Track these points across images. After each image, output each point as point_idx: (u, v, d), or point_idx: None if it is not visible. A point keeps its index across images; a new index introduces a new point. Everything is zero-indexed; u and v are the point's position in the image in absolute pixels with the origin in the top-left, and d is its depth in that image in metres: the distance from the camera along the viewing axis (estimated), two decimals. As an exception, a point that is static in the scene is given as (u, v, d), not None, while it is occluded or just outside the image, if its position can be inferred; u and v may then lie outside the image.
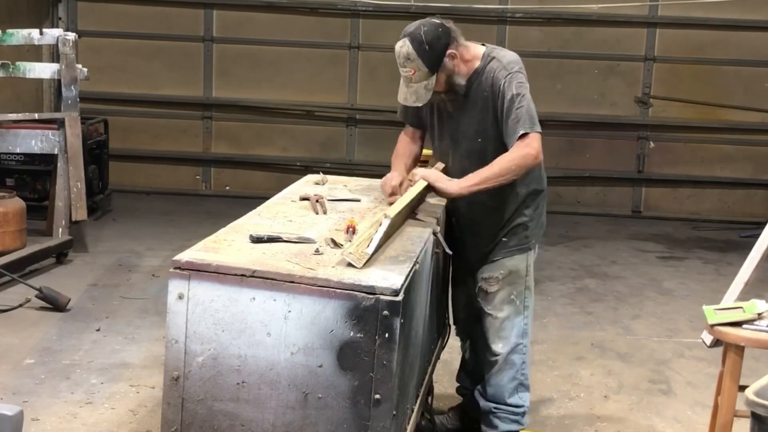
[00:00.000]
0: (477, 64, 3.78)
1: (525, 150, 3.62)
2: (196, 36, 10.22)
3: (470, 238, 4.02)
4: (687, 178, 10.17)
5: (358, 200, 3.97)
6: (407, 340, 3.02)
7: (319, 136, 10.31)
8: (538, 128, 3.66)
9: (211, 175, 10.44)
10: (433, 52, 3.64)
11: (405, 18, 9.72)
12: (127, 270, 7.02)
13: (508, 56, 3.80)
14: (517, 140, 3.63)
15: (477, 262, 4.01)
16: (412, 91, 3.70)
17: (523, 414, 4.05)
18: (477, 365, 4.22)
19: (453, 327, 4.37)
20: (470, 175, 3.69)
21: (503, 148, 3.69)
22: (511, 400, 4.01)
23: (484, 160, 3.71)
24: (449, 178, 3.71)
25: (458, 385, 4.50)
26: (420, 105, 3.76)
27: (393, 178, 3.88)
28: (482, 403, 4.08)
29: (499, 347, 3.96)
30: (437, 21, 3.75)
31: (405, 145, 4.12)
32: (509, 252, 3.94)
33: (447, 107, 3.88)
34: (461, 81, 3.75)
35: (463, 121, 3.85)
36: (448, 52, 3.68)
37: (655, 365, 5.50)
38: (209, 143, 10.41)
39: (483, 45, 3.87)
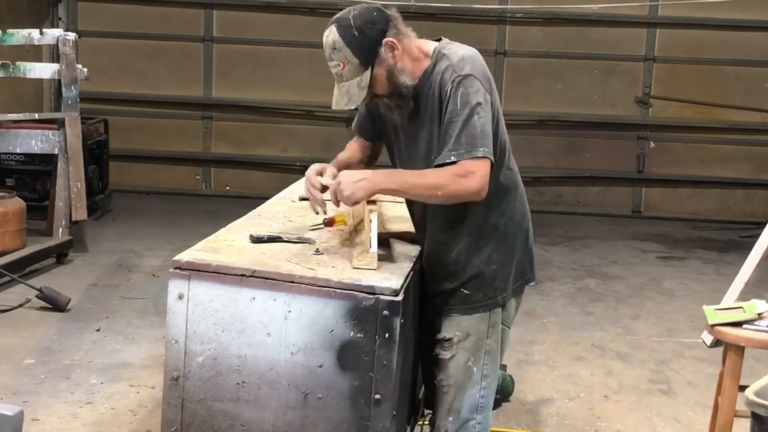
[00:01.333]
0: (427, 63, 3.06)
1: (463, 180, 2.89)
2: (196, 36, 10.22)
3: (428, 271, 3.23)
4: (687, 178, 10.17)
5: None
6: (407, 340, 3.02)
7: (319, 136, 10.30)
8: (480, 152, 2.89)
9: (211, 175, 10.44)
10: (364, 39, 2.96)
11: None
12: (127, 270, 7.02)
13: (459, 52, 3.04)
14: (449, 165, 2.90)
15: (436, 304, 3.24)
16: (344, 91, 3.02)
17: None
18: None
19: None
20: (386, 173, 3.02)
21: None
22: None
23: None
24: (358, 177, 2.97)
25: None
26: (352, 108, 3.06)
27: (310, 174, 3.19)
28: None
29: (446, 422, 3.20)
30: (373, 5, 3.05)
31: (350, 153, 3.44)
32: (472, 307, 3.16)
33: (395, 115, 3.14)
34: (407, 81, 3.02)
35: (413, 134, 3.12)
36: (385, 40, 2.98)
37: (655, 365, 5.50)
38: (209, 143, 10.40)
39: (437, 40, 3.15)
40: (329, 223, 3.37)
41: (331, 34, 3.01)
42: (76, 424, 4.29)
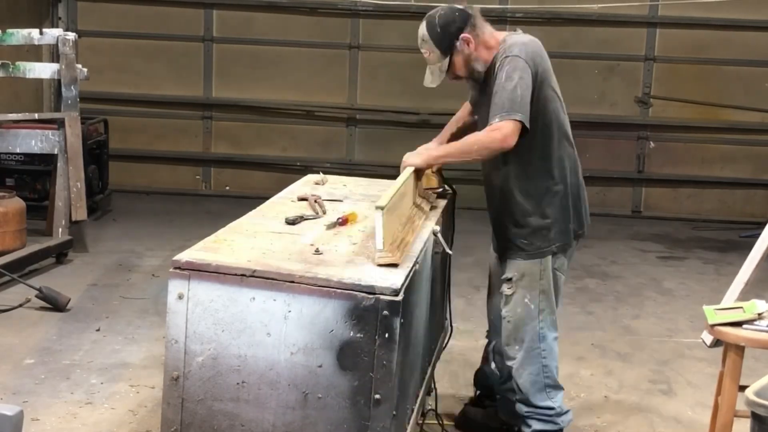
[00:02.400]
0: (495, 51, 3.77)
1: (492, 133, 3.58)
2: (196, 36, 10.21)
3: (494, 226, 4.00)
4: (687, 178, 10.16)
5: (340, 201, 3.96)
6: (407, 340, 3.02)
7: (319, 136, 10.31)
8: (516, 115, 3.56)
9: (211, 175, 10.44)
10: (444, 35, 3.71)
11: (405, 18, 9.74)
12: (127, 270, 7.02)
13: (516, 39, 3.75)
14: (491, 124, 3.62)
15: (500, 254, 3.99)
16: (429, 72, 3.79)
17: (557, 414, 3.91)
18: (502, 370, 4.12)
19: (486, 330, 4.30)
20: (440, 146, 3.94)
21: (519, 139, 3.62)
22: (539, 402, 3.88)
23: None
24: (420, 151, 3.82)
25: (478, 389, 4.50)
26: (433, 86, 3.81)
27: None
28: (516, 407, 3.97)
29: (513, 350, 3.88)
30: (458, 6, 3.79)
31: (462, 111, 4.22)
32: (526, 254, 3.84)
33: (474, 95, 3.97)
34: (479, 67, 3.76)
35: (483, 109, 3.81)
36: (462, 35, 3.71)
37: (655, 365, 5.50)
38: (209, 143, 10.40)
39: (514, 32, 3.87)
40: (343, 222, 3.40)
41: (421, 29, 3.79)
42: (76, 424, 4.29)
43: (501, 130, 3.56)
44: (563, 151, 3.84)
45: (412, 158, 3.77)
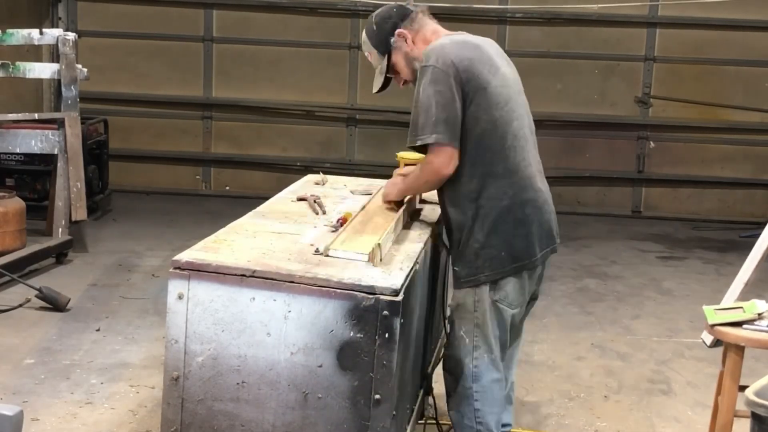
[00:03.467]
0: None
1: (426, 167, 3.33)
2: (196, 36, 10.21)
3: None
4: (687, 178, 10.16)
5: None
6: (407, 340, 3.02)
7: (319, 136, 10.31)
8: (441, 136, 3.21)
9: (211, 175, 10.44)
10: (380, 32, 3.48)
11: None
12: (127, 270, 7.02)
13: (436, 44, 3.37)
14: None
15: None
16: (375, 76, 3.58)
17: None
18: None
19: None
20: (404, 180, 3.58)
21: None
22: None
23: None
24: (396, 182, 3.61)
25: None
26: (374, 91, 3.59)
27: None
28: None
29: (451, 388, 3.50)
30: (398, 3, 3.55)
31: None
32: (459, 282, 3.42)
33: None
34: (419, 66, 3.38)
35: None
36: (397, 31, 3.44)
37: (655, 365, 5.50)
38: (209, 143, 10.40)
39: (458, 33, 3.49)
40: (343, 222, 3.42)
41: (364, 30, 3.56)
42: (76, 424, 4.29)
43: (432, 164, 3.28)
44: (504, 165, 3.34)
45: (386, 188, 3.66)
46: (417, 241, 3.36)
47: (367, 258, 2.94)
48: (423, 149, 3.34)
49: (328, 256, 2.98)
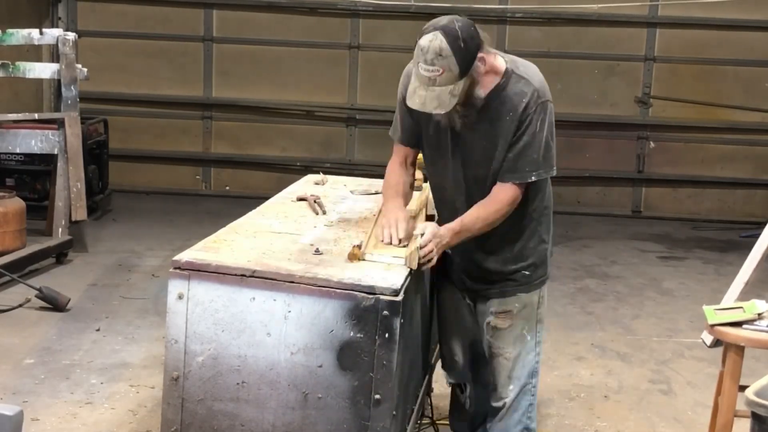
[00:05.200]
0: (496, 78, 3.24)
1: (513, 200, 3.28)
2: (196, 36, 10.21)
3: (476, 267, 3.48)
4: (687, 178, 10.16)
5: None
6: (407, 340, 3.02)
7: (319, 136, 10.31)
8: (553, 171, 3.35)
9: (211, 175, 10.44)
10: (468, 52, 3.07)
11: (405, 18, 9.75)
12: (127, 270, 7.02)
13: (536, 77, 3.30)
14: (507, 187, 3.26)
15: (482, 296, 3.52)
16: (434, 95, 3.07)
17: None
18: (480, 412, 3.68)
19: (445, 374, 3.73)
20: (453, 224, 3.28)
21: None
22: None
23: (485, 187, 3.31)
24: (444, 233, 3.24)
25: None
26: (441, 113, 3.13)
27: (399, 228, 3.25)
28: None
29: (508, 389, 3.51)
30: (468, 18, 3.19)
31: (398, 175, 3.52)
32: (529, 285, 3.48)
33: (456, 122, 3.25)
34: (481, 94, 3.19)
35: (471, 141, 3.30)
36: (479, 54, 3.12)
37: (655, 365, 5.50)
38: (209, 143, 10.40)
39: (500, 55, 3.32)
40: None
41: (436, 40, 3.05)
42: (76, 424, 4.29)
43: (519, 198, 3.29)
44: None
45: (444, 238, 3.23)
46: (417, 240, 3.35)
47: (404, 261, 2.98)
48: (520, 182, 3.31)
49: (363, 260, 2.98)
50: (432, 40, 3.05)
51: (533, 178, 3.27)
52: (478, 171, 3.32)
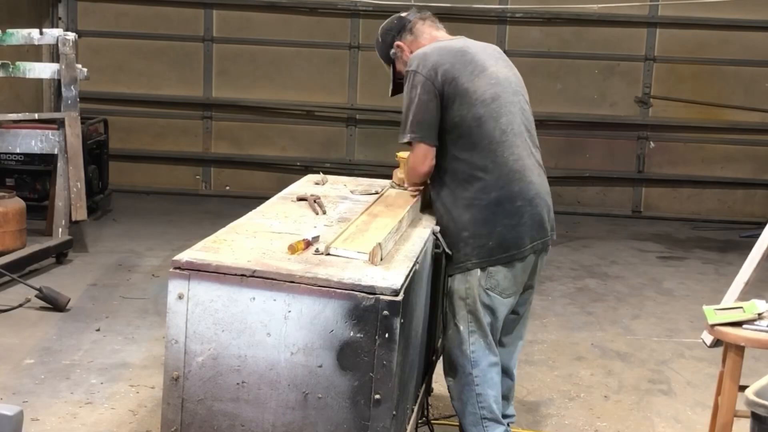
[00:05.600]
0: None
1: (409, 164, 3.70)
2: (196, 36, 10.22)
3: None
4: (687, 178, 10.17)
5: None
6: (407, 340, 3.02)
7: (319, 136, 10.31)
8: (415, 135, 3.53)
9: (211, 175, 10.44)
10: (383, 45, 3.86)
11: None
12: (127, 270, 7.02)
13: (419, 51, 3.64)
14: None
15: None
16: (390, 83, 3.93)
17: None
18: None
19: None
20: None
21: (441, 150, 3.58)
22: None
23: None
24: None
25: None
26: (391, 96, 3.94)
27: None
28: None
29: (449, 381, 3.68)
30: (401, 14, 3.91)
31: None
32: (451, 268, 3.61)
33: None
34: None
35: None
36: (395, 43, 3.81)
37: (655, 365, 5.50)
38: (209, 143, 10.41)
39: (458, 39, 3.80)
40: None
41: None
42: (76, 424, 4.29)
43: (408, 161, 3.69)
44: (493, 159, 3.51)
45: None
46: (417, 241, 3.36)
47: (367, 257, 2.94)
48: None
49: (329, 254, 2.98)
50: None
51: (400, 141, 3.64)
52: None
